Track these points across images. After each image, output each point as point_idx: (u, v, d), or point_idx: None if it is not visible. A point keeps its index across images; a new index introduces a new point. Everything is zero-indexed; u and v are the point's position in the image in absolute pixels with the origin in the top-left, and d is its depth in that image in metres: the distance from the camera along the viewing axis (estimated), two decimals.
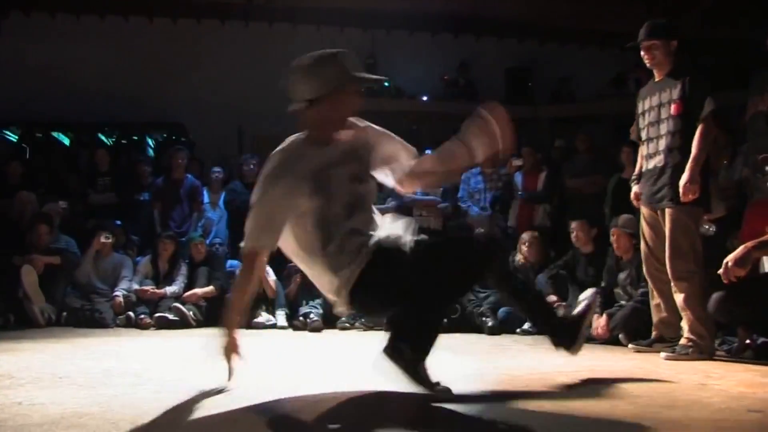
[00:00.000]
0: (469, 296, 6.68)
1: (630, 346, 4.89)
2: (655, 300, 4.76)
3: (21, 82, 9.73)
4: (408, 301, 2.81)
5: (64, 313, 7.02)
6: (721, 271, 3.66)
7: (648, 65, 4.71)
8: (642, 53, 4.66)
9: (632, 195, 4.91)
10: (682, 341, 4.39)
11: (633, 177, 4.95)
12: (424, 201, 8.02)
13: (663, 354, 4.39)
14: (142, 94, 9.95)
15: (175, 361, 4.13)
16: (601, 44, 10.77)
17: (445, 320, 5.14)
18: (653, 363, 4.11)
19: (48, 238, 7.28)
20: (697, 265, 4.45)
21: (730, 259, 3.66)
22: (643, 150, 4.78)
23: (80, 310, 6.96)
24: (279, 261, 7.21)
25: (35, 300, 6.80)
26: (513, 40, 11.20)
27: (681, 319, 4.50)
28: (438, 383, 2.81)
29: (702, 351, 4.32)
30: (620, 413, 2.61)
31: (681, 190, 4.35)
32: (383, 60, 10.76)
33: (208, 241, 7.78)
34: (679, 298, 4.43)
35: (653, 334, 4.77)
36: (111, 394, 2.94)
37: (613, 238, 5.75)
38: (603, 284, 5.83)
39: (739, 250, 3.70)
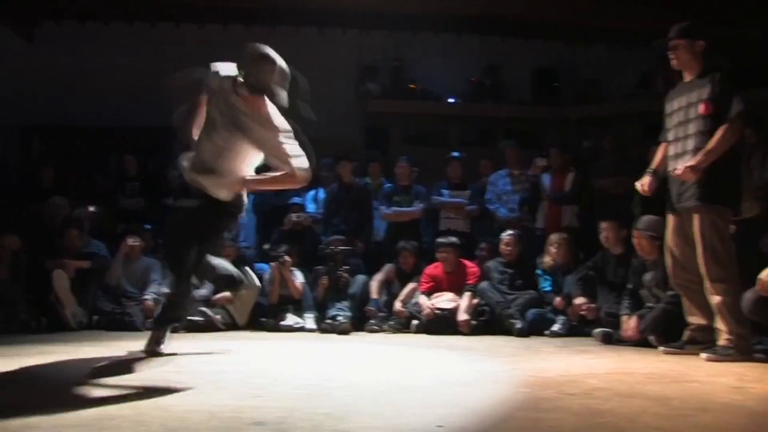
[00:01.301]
0: (497, 298, 6.66)
1: (661, 348, 4.84)
2: (687, 307, 4.71)
3: (53, 88, 9.85)
4: None
5: (95, 317, 7.09)
6: (757, 287, 3.66)
7: (673, 66, 4.71)
8: (669, 53, 4.66)
9: (640, 182, 4.86)
10: (722, 342, 4.34)
11: (649, 169, 4.89)
12: (452, 203, 8.00)
13: (704, 355, 4.34)
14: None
15: (204, 364, 4.15)
16: (629, 44, 10.67)
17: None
18: (685, 365, 4.06)
19: (79, 242, 7.36)
20: (732, 266, 4.40)
21: (764, 275, 3.64)
22: (669, 150, 4.74)
23: (111, 314, 7.02)
24: (306, 264, 7.29)
25: (67, 304, 6.88)
26: (539, 40, 11.13)
27: (715, 322, 4.46)
28: None
29: (743, 351, 4.28)
30: (652, 416, 2.58)
31: (680, 169, 4.38)
32: (409, 62, 10.76)
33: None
34: (715, 300, 4.38)
35: (685, 336, 4.71)
36: (141, 396, 2.97)
37: (635, 241, 5.67)
38: (630, 286, 5.76)
39: None
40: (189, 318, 6.79)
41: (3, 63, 9.82)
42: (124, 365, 4.08)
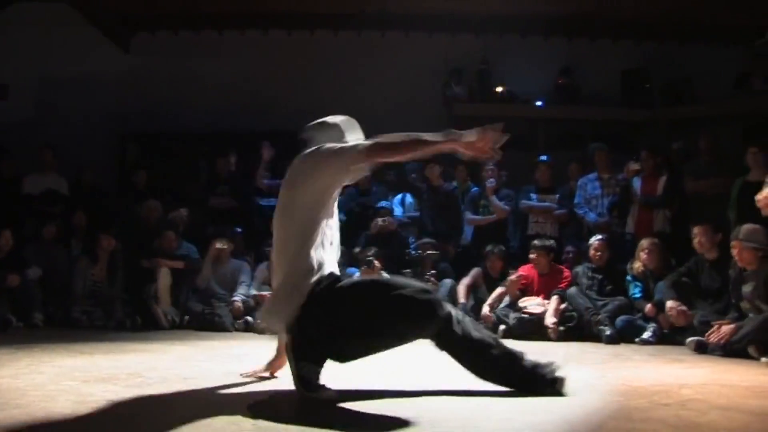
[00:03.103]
0: (585, 304, 6.55)
1: (763, 359, 4.64)
2: None
3: (148, 95, 10.21)
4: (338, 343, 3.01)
5: (186, 317, 7.30)
6: None
7: None
8: None
9: (757, 197, 4.67)
10: None
11: (767, 179, 4.70)
12: (540, 207, 7.90)
13: None
14: (260, 104, 10.23)
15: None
16: (724, 42, 10.32)
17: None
18: None
19: (174, 244, 7.62)
20: None
21: None
22: None
23: (201, 314, 7.21)
24: (393, 268, 7.31)
25: (163, 302, 7.12)
26: (629, 40, 10.89)
27: None
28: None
29: None
30: None
31: None
32: (496, 65, 10.68)
33: None
34: None
35: None
36: (233, 395, 3.03)
37: (734, 251, 5.45)
38: (733, 300, 5.53)
39: None
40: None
41: (102, 72, 10.23)
42: (214, 364, 4.19)
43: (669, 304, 5.99)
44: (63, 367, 3.89)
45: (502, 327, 6.72)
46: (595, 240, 7.03)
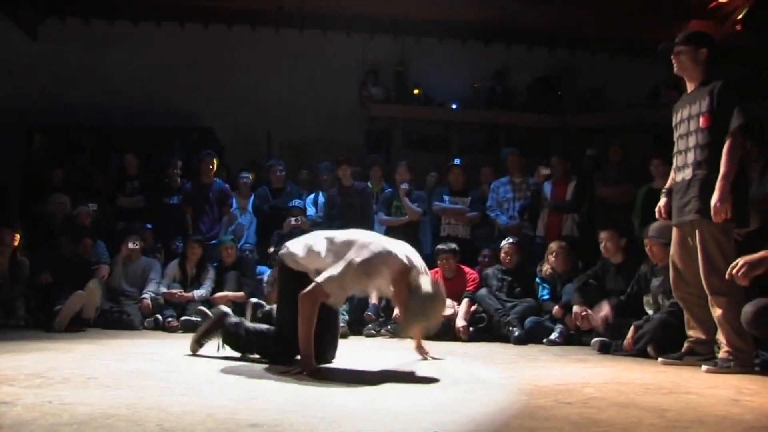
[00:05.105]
0: (495, 305, 6.66)
1: (659, 359, 4.82)
2: (687, 320, 4.69)
3: (56, 86, 9.88)
4: None
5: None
6: (734, 270, 3.61)
7: (675, 71, 4.70)
8: (672, 58, 4.66)
9: (657, 207, 4.88)
10: (722, 354, 4.32)
11: (663, 189, 4.91)
12: (453, 209, 8.00)
13: (704, 367, 4.31)
14: (173, 98, 10.05)
15: (201, 364, 4.15)
16: (633, 54, 10.69)
17: None
18: (682, 377, 4.05)
19: (91, 250, 7.40)
20: (733, 279, 4.37)
21: (746, 260, 3.59)
22: (674, 163, 4.74)
23: (108, 312, 7.02)
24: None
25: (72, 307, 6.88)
26: (543, 48, 11.16)
27: (715, 337, 4.44)
28: None
29: (742, 364, 4.25)
30: (647, 427, 2.57)
31: (712, 210, 4.28)
32: (413, 67, 10.78)
33: (239, 246, 7.81)
34: (717, 312, 4.34)
35: (684, 347, 4.70)
36: (138, 395, 2.96)
37: (647, 248, 5.65)
38: (628, 291, 5.75)
39: (756, 255, 3.62)
40: (187, 318, 6.81)
41: (8, 60, 9.84)
42: (120, 364, 4.09)
43: (575, 309, 6.16)
44: None
45: None
46: (505, 243, 7.15)
